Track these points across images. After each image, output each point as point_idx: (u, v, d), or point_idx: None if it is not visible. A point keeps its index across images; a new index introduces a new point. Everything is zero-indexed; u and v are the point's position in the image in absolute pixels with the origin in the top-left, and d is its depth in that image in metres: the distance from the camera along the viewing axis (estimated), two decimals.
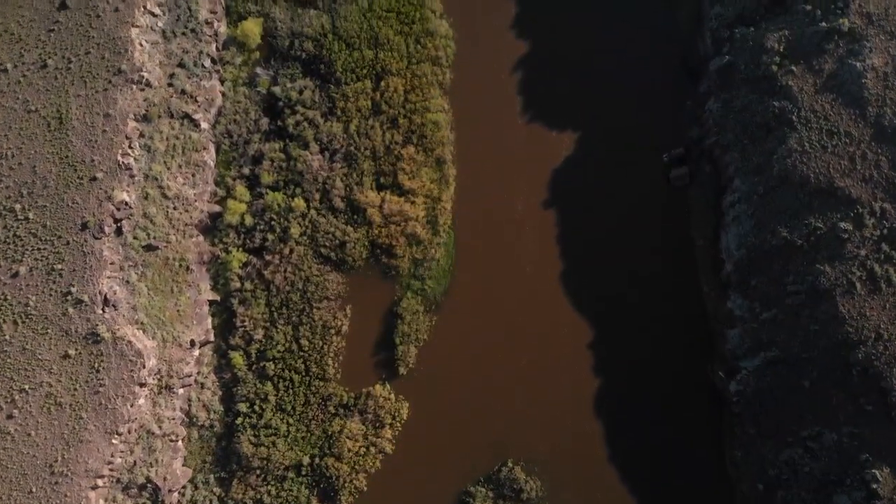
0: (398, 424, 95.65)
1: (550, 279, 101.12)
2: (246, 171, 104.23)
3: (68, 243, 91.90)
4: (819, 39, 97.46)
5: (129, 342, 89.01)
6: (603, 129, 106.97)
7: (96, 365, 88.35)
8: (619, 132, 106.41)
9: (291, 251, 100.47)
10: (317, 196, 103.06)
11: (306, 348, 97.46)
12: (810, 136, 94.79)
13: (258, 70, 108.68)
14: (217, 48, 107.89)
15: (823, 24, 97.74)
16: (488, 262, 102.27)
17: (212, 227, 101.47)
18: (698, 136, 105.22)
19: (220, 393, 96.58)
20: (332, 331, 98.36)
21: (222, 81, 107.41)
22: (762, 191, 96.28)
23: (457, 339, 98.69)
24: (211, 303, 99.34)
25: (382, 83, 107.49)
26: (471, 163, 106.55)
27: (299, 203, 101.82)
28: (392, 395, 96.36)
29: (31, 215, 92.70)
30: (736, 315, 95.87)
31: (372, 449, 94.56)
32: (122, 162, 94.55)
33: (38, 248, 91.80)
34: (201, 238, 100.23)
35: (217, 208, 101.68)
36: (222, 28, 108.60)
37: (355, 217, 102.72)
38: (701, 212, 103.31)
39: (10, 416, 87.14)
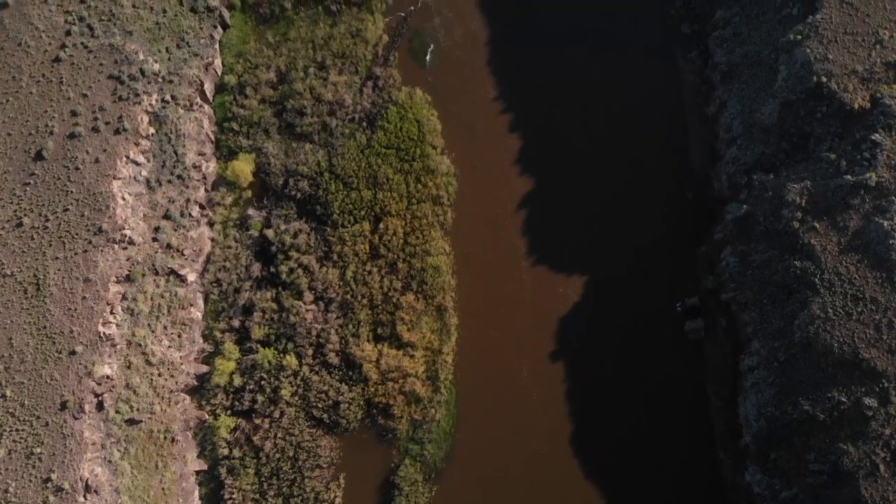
0: None
1: (560, 441, 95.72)
2: (235, 322, 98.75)
3: (47, 424, 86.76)
4: (844, 194, 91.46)
5: None
6: (612, 272, 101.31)
7: None
8: (628, 276, 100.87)
9: (282, 414, 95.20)
10: (310, 351, 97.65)
11: None
12: (834, 301, 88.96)
13: (250, 211, 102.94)
14: (206, 190, 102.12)
15: (848, 176, 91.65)
16: (492, 422, 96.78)
17: (199, 387, 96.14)
18: (714, 287, 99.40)
19: None
20: None
21: (211, 225, 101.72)
22: (783, 358, 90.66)
23: None
24: (197, 472, 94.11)
25: (381, 225, 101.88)
26: (473, 311, 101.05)
27: (291, 360, 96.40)
28: None
29: (8, 392, 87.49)
30: (755, 491, 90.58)
31: None
32: (103, 332, 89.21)
33: (17, 430, 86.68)
34: (188, 400, 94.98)
35: (205, 368, 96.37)
36: (211, 168, 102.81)
37: (350, 373, 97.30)
38: (717, 369, 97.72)
39: None
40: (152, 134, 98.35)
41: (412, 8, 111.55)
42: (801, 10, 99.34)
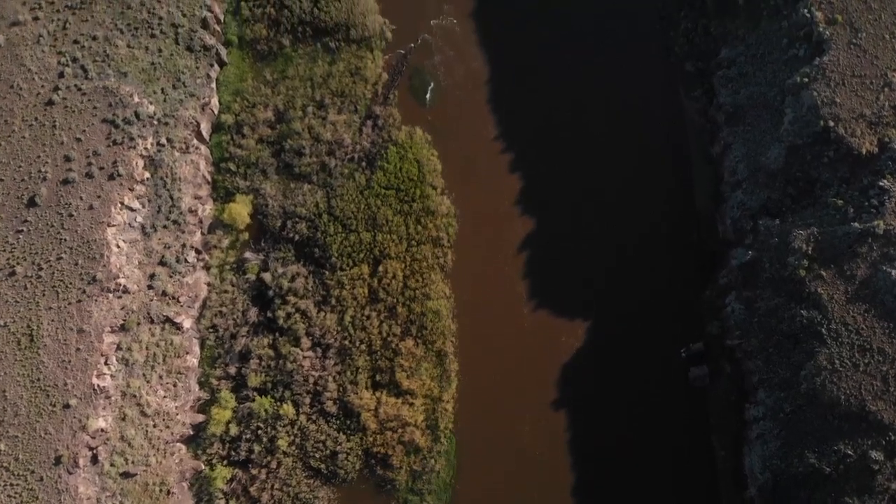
0: None
1: (562, 491, 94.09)
2: (232, 370, 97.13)
3: (42, 479, 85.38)
4: (851, 241, 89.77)
5: None
6: (615, 316, 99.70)
7: None
8: (632, 320, 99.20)
9: (279, 464, 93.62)
10: (307, 399, 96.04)
11: None
12: (841, 352, 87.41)
13: (247, 254, 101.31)
14: (202, 233, 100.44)
15: (856, 223, 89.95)
16: (493, 472, 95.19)
17: (195, 436, 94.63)
18: (718, 333, 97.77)
19: None
20: None
21: (208, 269, 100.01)
22: (788, 409, 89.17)
23: None
24: None
25: (380, 268, 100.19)
26: (474, 357, 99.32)
27: (288, 409, 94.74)
28: None
29: (2, 446, 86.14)
30: None
31: None
32: (98, 384, 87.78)
33: (12, 484, 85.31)
34: (184, 450, 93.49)
35: (200, 417, 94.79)
36: (208, 210, 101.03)
37: (348, 422, 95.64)
38: (722, 417, 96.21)
39: None
40: (147, 178, 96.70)
41: (412, 45, 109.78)
42: (807, 52, 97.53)
